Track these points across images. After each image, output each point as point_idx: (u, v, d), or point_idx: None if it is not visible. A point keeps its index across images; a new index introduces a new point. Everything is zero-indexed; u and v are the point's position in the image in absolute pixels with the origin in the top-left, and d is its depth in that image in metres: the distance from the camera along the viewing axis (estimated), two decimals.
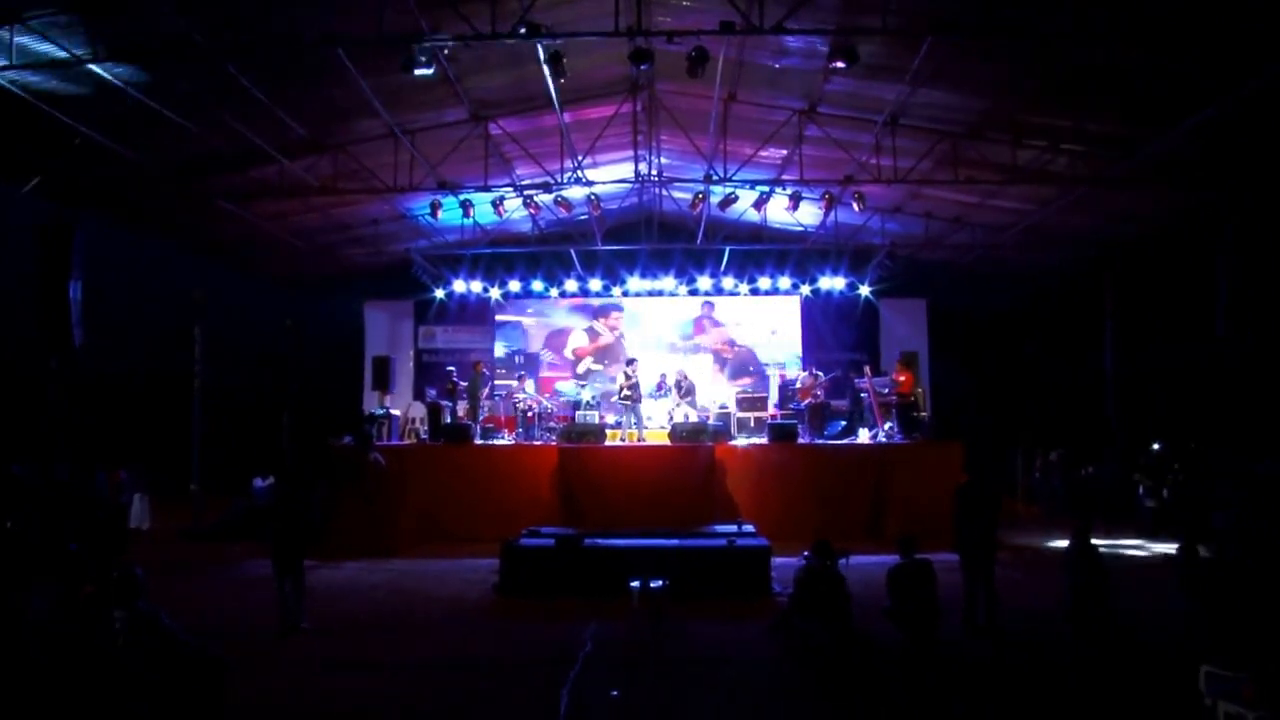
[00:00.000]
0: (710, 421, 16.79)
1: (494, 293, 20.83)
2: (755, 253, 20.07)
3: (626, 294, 20.81)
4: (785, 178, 16.53)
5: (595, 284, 20.50)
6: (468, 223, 17.57)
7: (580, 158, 15.32)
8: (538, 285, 20.66)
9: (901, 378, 16.64)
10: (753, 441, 16.52)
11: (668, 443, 16.07)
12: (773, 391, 19.33)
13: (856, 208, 16.06)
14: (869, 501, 15.17)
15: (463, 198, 16.28)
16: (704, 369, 20.90)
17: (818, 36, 11.03)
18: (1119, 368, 19.59)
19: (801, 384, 17.90)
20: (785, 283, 20.64)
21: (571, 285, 20.69)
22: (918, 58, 11.19)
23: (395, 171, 14.87)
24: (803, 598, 8.43)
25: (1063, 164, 14.13)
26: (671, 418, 17.14)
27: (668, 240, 19.52)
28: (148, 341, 20.20)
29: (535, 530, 12.42)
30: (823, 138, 14.52)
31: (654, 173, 17.37)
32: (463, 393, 17.44)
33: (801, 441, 16.02)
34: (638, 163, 17.29)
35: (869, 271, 19.96)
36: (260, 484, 16.89)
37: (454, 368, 18.60)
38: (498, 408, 18.34)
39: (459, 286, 20.47)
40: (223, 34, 10.30)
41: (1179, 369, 18.14)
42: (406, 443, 17.67)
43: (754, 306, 21.28)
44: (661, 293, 20.76)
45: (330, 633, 9.37)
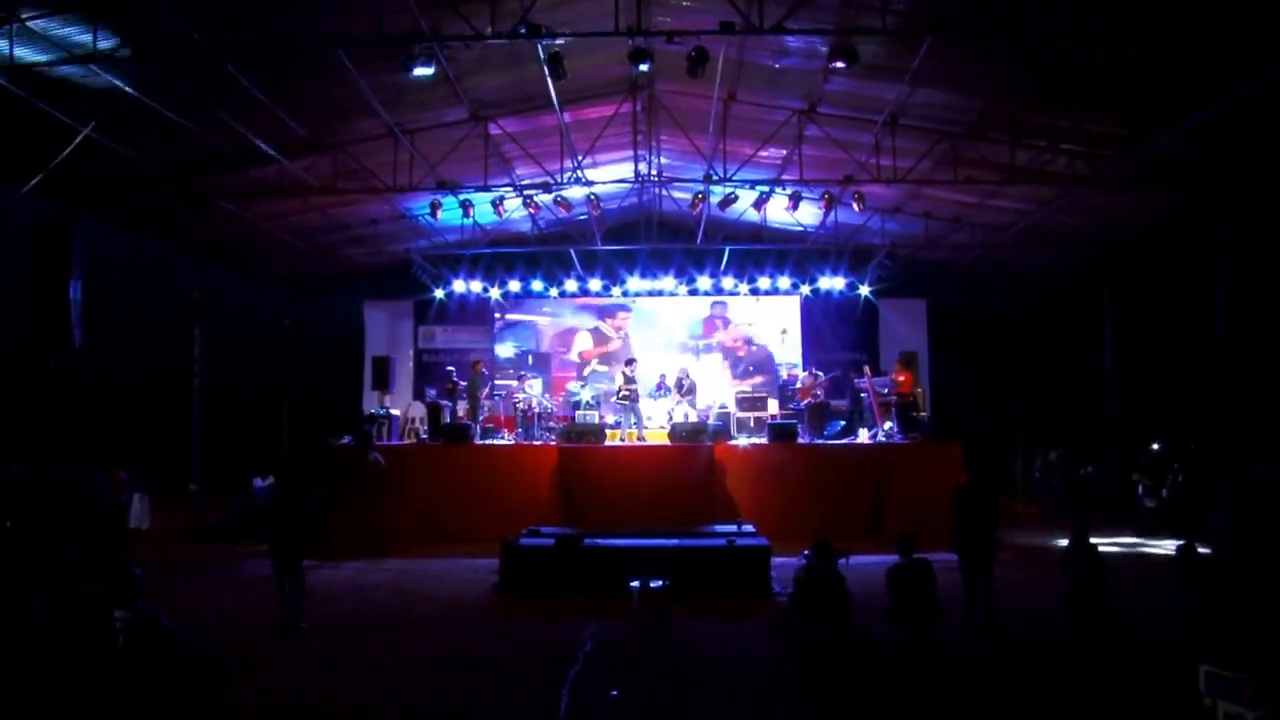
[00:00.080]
0: (710, 421, 16.80)
1: (494, 292, 20.82)
2: (755, 253, 20.07)
3: (626, 294, 20.79)
4: (785, 178, 16.53)
5: (595, 284, 20.48)
6: (467, 223, 17.57)
7: (580, 158, 15.32)
8: (537, 285, 20.64)
9: (901, 378, 16.66)
10: (753, 441, 16.53)
11: (667, 443, 16.10)
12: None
13: (856, 208, 16.06)
14: (868, 501, 15.18)
15: (462, 198, 16.29)
16: (712, 368, 20.92)
17: (817, 36, 11.03)
18: (1119, 368, 19.58)
19: (801, 384, 17.92)
20: (785, 283, 20.63)
21: (571, 285, 20.68)
22: (917, 58, 11.19)
23: (395, 171, 14.88)
24: (803, 597, 8.43)
25: (1062, 164, 14.14)
26: (671, 417, 17.15)
27: (667, 240, 19.50)
28: (148, 341, 20.16)
29: (535, 530, 12.42)
30: (822, 138, 14.52)
31: (654, 173, 17.36)
32: (462, 392, 17.45)
33: (801, 441, 16.02)
34: (637, 163, 17.28)
35: (869, 271, 19.96)
36: (260, 484, 16.89)
37: (453, 367, 18.61)
38: (498, 407, 18.36)
39: (459, 286, 20.46)
40: (223, 34, 10.30)
41: (1179, 369, 18.13)
42: (406, 442, 17.67)
43: (764, 308, 21.28)
44: (661, 293, 20.74)
45: (330, 633, 9.37)
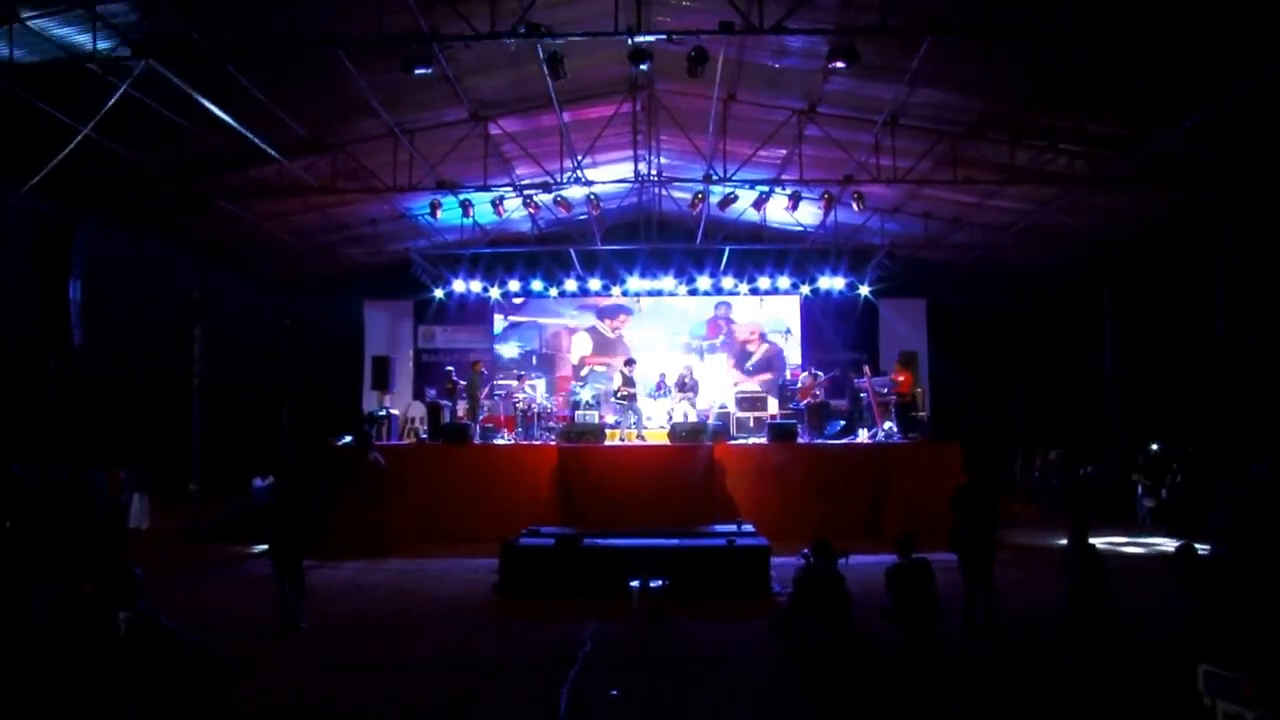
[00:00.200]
0: (710, 421, 16.80)
1: (494, 292, 20.82)
2: (755, 252, 20.07)
3: (626, 294, 20.78)
4: (785, 178, 16.53)
5: (595, 284, 20.47)
6: (467, 222, 17.57)
7: (580, 157, 15.32)
8: (537, 285, 20.63)
9: (901, 377, 16.67)
10: (752, 441, 16.54)
11: (667, 442, 16.09)
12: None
13: (856, 208, 16.06)
14: (868, 501, 15.18)
15: (462, 197, 16.29)
16: (716, 369, 20.93)
17: (817, 36, 11.03)
18: (1118, 368, 19.58)
19: (801, 384, 17.93)
20: (785, 282, 20.63)
21: (571, 285, 20.67)
22: (917, 58, 11.20)
23: (395, 171, 14.88)
24: (802, 597, 8.43)
25: (1062, 164, 14.14)
26: (671, 417, 17.15)
27: (667, 240, 19.49)
28: (148, 341, 20.14)
29: (535, 530, 12.41)
30: (822, 138, 14.52)
31: (653, 173, 17.35)
32: (462, 392, 17.45)
33: (801, 441, 16.02)
34: (637, 162, 17.28)
35: (868, 271, 19.96)
36: (260, 484, 16.86)
37: (453, 367, 18.61)
38: (497, 407, 18.35)
39: (458, 286, 20.45)
40: (223, 33, 10.30)
41: (1179, 369, 18.12)
42: (406, 442, 17.67)
43: (767, 308, 21.31)
44: (661, 292, 20.73)
45: (330, 633, 9.37)
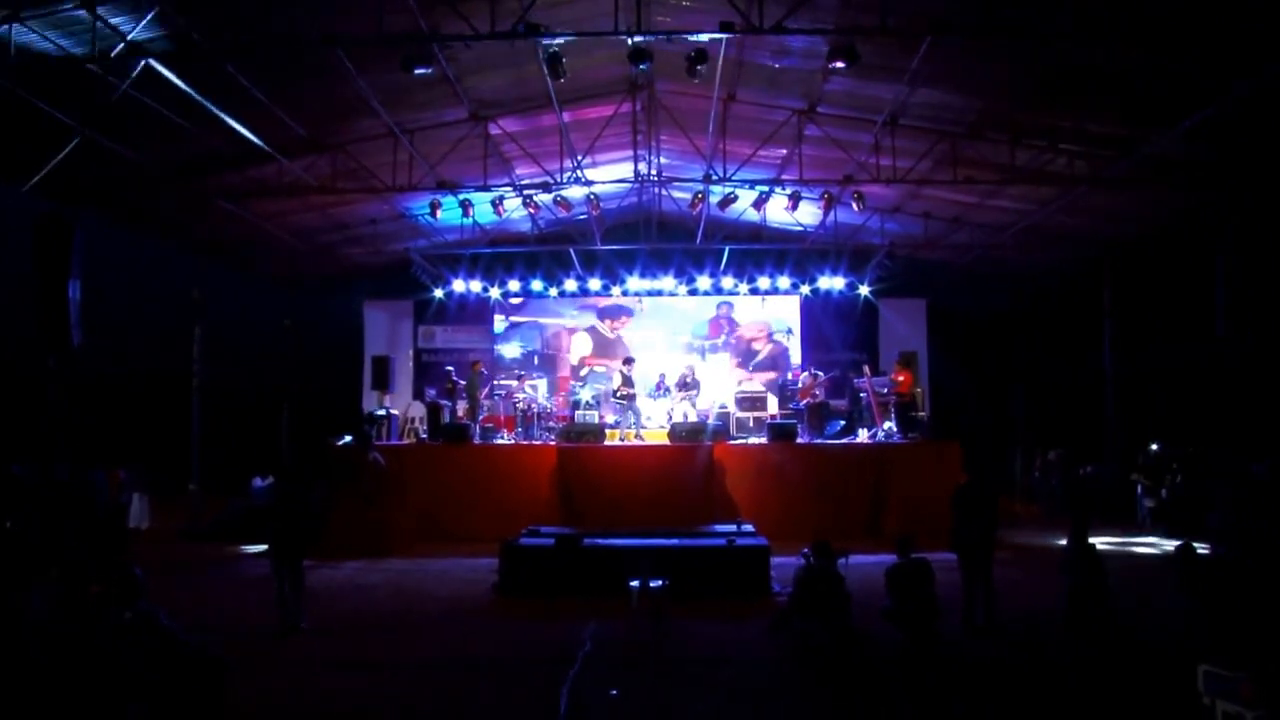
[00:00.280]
0: (710, 421, 16.80)
1: (494, 292, 20.82)
2: (755, 252, 20.07)
3: (626, 294, 20.79)
4: (785, 178, 16.53)
5: (595, 284, 20.47)
6: (467, 222, 17.56)
7: (580, 157, 15.32)
8: (537, 285, 20.64)
9: (900, 377, 16.67)
10: (752, 441, 16.53)
11: (667, 442, 16.09)
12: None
13: (856, 208, 16.06)
14: (868, 501, 15.18)
15: (462, 197, 16.28)
16: (719, 369, 20.93)
17: (817, 36, 11.03)
18: (1118, 368, 19.58)
19: (801, 384, 17.93)
20: (785, 282, 20.64)
21: (571, 285, 20.68)
22: (917, 58, 11.19)
23: (394, 171, 14.87)
24: (802, 597, 8.43)
25: (1062, 164, 14.13)
26: (670, 417, 17.15)
27: (667, 240, 19.50)
28: (147, 341, 20.16)
29: (535, 530, 12.41)
30: (822, 138, 14.52)
31: (653, 172, 17.35)
32: (461, 392, 17.45)
33: (801, 441, 16.02)
34: (637, 162, 17.28)
35: (868, 271, 19.95)
36: (259, 484, 16.87)
37: (453, 367, 18.61)
38: (497, 407, 18.35)
39: (458, 286, 20.44)
40: (222, 33, 10.29)
41: (1179, 369, 18.12)
42: (406, 442, 17.68)
43: (769, 308, 21.31)
44: (661, 292, 20.74)
45: (330, 633, 9.37)
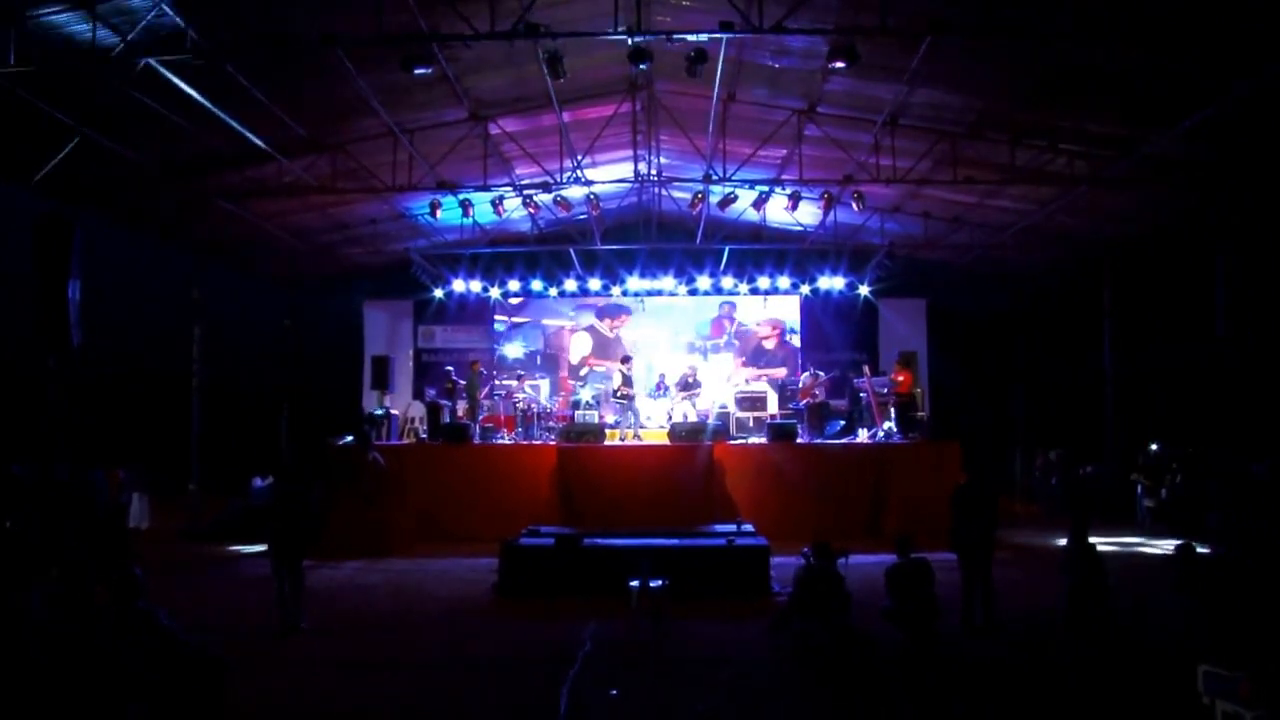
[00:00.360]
0: (709, 421, 16.80)
1: (494, 292, 20.82)
2: (755, 252, 20.07)
3: (626, 294, 20.79)
4: (784, 177, 16.52)
5: (595, 284, 20.47)
6: (467, 222, 17.55)
7: (579, 157, 15.31)
8: (537, 285, 20.63)
9: (900, 377, 16.68)
10: (752, 441, 16.53)
11: (667, 442, 16.09)
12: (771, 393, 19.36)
13: (856, 207, 16.04)
14: (868, 501, 15.19)
15: (462, 197, 16.27)
16: (722, 369, 20.94)
17: (817, 36, 11.03)
18: (1118, 368, 19.58)
19: (801, 384, 17.94)
20: (785, 282, 20.64)
21: (571, 285, 20.68)
22: (917, 58, 11.18)
23: (394, 171, 14.85)
24: (802, 597, 8.43)
25: (1062, 164, 14.12)
26: (671, 417, 17.15)
27: (667, 240, 19.50)
28: (147, 341, 20.17)
29: (535, 530, 12.41)
30: (822, 137, 14.51)
31: (653, 172, 17.34)
32: (461, 392, 17.46)
33: (801, 441, 16.03)
34: (637, 162, 17.28)
35: (868, 271, 19.95)
36: (259, 484, 16.87)
37: (452, 367, 18.62)
38: (497, 407, 18.36)
39: (458, 286, 20.43)
40: (222, 33, 10.28)
41: (1178, 369, 18.12)
42: (406, 442, 17.68)
43: (771, 308, 21.32)
44: (661, 292, 20.74)
45: (330, 633, 9.37)
